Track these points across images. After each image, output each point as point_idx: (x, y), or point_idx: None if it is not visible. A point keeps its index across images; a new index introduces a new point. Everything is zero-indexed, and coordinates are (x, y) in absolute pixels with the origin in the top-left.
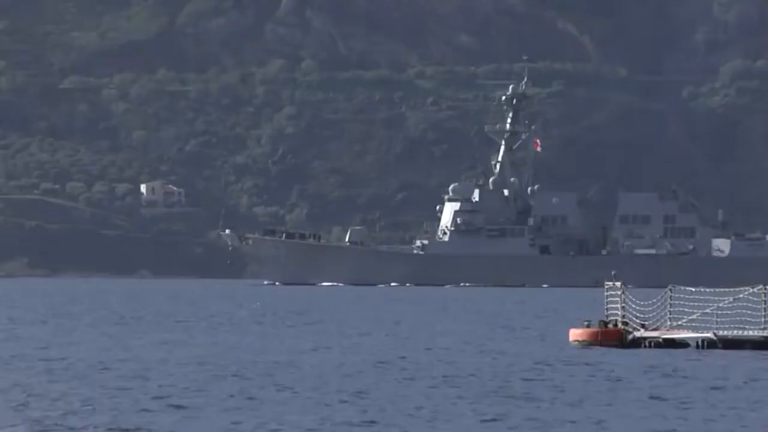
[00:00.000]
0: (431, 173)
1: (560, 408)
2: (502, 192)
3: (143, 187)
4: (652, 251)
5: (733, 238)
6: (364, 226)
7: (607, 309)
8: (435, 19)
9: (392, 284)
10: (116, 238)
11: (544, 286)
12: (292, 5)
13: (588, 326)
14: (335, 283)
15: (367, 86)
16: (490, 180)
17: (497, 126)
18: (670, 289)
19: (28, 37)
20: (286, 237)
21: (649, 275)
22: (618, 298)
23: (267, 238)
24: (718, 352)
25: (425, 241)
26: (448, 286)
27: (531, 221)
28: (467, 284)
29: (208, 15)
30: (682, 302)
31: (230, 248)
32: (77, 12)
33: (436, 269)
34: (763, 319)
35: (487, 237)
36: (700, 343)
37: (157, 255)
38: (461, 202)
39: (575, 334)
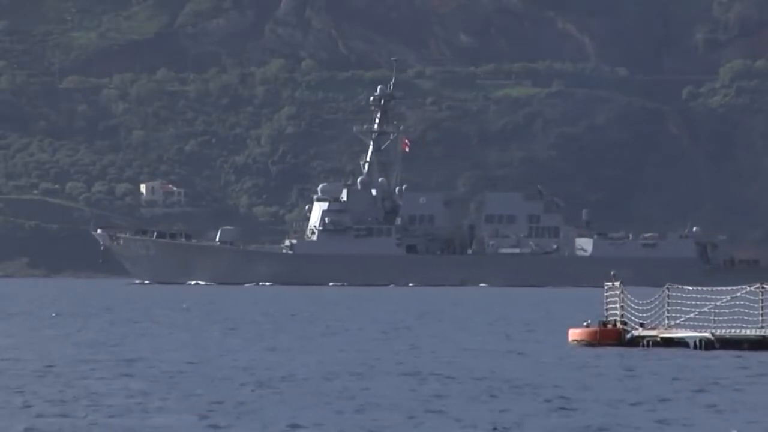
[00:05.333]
0: (431, 173)
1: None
2: (370, 192)
3: (143, 187)
4: (517, 250)
5: (595, 237)
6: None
7: (606, 309)
8: (435, 19)
9: (260, 283)
10: None
11: (411, 285)
12: (292, 5)
13: (587, 326)
14: (205, 282)
15: (367, 86)
16: (358, 180)
17: (365, 126)
18: (668, 288)
19: (28, 37)
20: (156, 236)
21: (513, 274)
22: (617, 298)
23: (137, 237)
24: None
25: (294, 241)
26: (317, 286)
27: (398, 221)
28: (335, 284)
29: (208, 15)
30: (680, 301)
31: (102, 248)
32: (77, 12)
33: (304, 269)
34: (760, 318)
35: (354, 237)
36: (697, 342)
37: None
38: (329, 202)
39: (574, 334)
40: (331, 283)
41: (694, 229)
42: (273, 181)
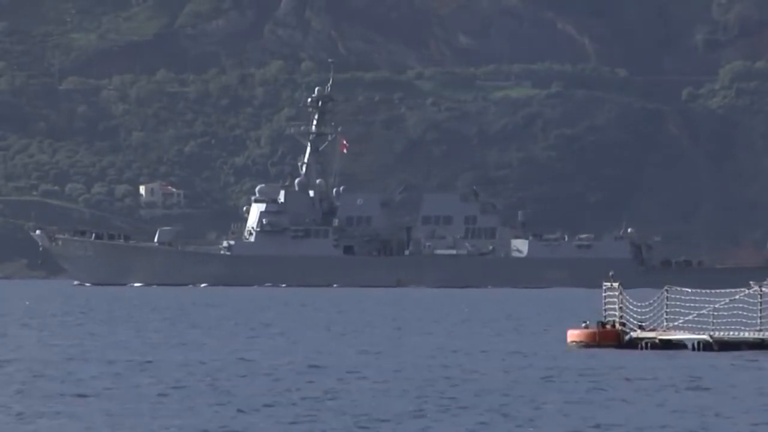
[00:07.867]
0: (431, 173)
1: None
2: (308, 193)
3: (142, 189)
4: (453, 252)
5: (531, 238)
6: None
7: (605, 310)
8: (435, 20)
9: (199, 285)
10: None
11: (335, 286)
12: (292, 6)
13: (586, 327)
14: (144, 284)
15: (366, 87)
16: (296, 181)
17: (302, 128)
18: (667, 290)
19: (28, 37)
20: (95, 237)
21: (450, 275)
22: (616, 299)
23: (76, 238)
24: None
25: (232, 242)
26: (254, 286)
27: (336, 222)
28: (272, 284)
29: (208, 15)
30: (679, 303)
31: (41, 249)
32: (77, 12)
33: (241, 270)
34: (758, 321)
35: (291, 238)
36: (695, 344)
37: None
38: (267, 203)
39: (573, 335)
40: (268, 284)
41: (629, 230)
42: (272, 182)
